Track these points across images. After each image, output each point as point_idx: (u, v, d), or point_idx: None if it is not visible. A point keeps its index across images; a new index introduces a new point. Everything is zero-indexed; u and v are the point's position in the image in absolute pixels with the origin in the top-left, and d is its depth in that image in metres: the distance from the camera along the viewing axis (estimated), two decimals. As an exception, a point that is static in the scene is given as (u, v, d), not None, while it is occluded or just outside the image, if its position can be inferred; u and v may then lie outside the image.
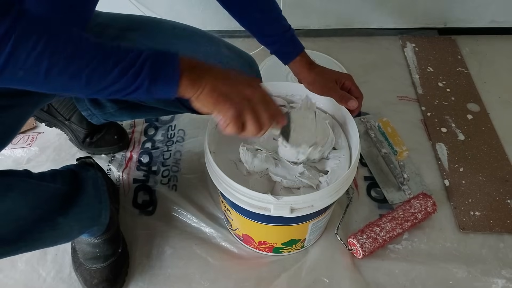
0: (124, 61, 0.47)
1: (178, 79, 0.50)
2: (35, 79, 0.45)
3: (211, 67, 0.54)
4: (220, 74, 0.54)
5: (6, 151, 1.07)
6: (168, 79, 0.50)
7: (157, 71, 0.49)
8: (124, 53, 0.48)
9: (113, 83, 0.48)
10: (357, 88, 0.77)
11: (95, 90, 0.48)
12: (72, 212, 0.67)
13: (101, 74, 0.47)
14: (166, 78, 0.50)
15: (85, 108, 0.95)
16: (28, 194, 0.60)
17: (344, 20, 1.40)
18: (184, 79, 0.50)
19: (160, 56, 0.50)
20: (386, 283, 0.83)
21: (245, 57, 0.85)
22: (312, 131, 0.73)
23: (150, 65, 0.48)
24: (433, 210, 0.91)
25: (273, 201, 0.64)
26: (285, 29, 0.76)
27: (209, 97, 0.52)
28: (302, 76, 0.79)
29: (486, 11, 1.36)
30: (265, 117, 0.55)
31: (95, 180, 0.77)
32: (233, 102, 0.53)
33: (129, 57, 0.48)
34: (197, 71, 0.52)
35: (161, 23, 0.80)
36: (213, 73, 0.53)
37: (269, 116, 0.55)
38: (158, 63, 0.49)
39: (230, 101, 0.53)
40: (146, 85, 0.49)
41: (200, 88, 0.52)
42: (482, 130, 1.11)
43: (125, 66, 0.47)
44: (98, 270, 0.81)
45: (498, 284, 0.83)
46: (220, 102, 0.53)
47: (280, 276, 0.84)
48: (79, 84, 0.47)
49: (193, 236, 0.90)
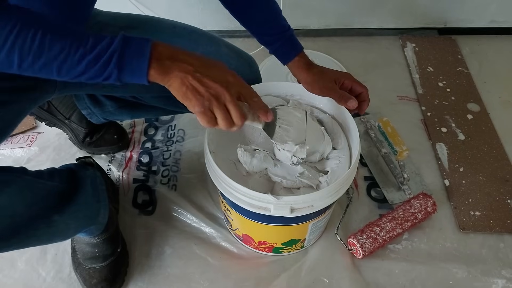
0: (92, 53, 0.49)
1: (146, 70, 0.50)
2: (10, 69, 0.48)
3: (186, 58, 0.53)
4: (193, 67, 0.53)
5: (6, 151, 1.07)
6: (135, 70, 0.51)
7: (125, 62, 0.50)
8: (93, 44, 0.49)
9: (83, 73, 0.50)
10: (358, 83, 0.76)
11: (67, 78, 0.51)
12: (69, 210, 0.67)
13: (70, 66, 0.49)
14: (134, 69, 0.50)
15: (85, 106, 0.95)
16: (24, 190, 0.60)
17: (344, 20, 1.40)
18: (152, 70, 0.51)
19: (131, 45, 0.50)
20: (386, 283, 0.83)
21: (244, 57, 0.85)
22: (300, 130, 0.71)
23: (118, 57, 0.49)
24: (433, 210, 0.90)
25: (273, 201, 0.64)
26: (285, 29, 0.76)
27: (177, 90, 0.53)
28: (301, 76, 0.78)
29: (486, 11, 1.36)
30: (236, 114, 0.54)
31: (93, 179, 0.77)
32: (200, 98, 0.53)
33: (97, 48, 0.49)
34: (168, 62, 0.52)
35: (161, 22, 0.80)
36: (185, 65, 0.52)
37: (238, 114, 0.54)
38: (127, 54, 0.50)
39: (197, 97, 0.52)
40: (115, 75, 0.50)
41: (170, 80, 0.52)
42: (482, 130, 1.11)
43: (92, 58, 0.49)
44: (97, 270, 0.81)
45: (498, 284, 0.82)
46: (188, 97, 0.53)
47: (280, 276, 0.84)
48: (51, 73, 0.50)
49: (193, 236, 0.90)
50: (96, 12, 0.76)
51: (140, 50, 0.50)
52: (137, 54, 0.50)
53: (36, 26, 0.47)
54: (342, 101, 0.74)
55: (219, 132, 0.77)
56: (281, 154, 0.73)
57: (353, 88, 0.77)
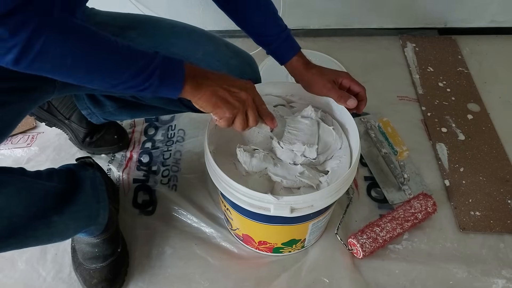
0: (137, 65, 0.54)
1: (182, 86, 0.58)
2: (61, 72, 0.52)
3: (211, 74, 0.62)
4: (219, 80, 0.62)
5: (6, 151, 1.07)
6: (173, 85, 0.58)
7: (165, 78, 0.57)
8: (137, 58, 0.55)
9: (125, 82, 0.55)
10: (356, 82, 0.76)
11: (110, 86, 0.55)
12: (68, 211, 0.67)
13: (116, 74, 0.54)
14: (172, 85, 0.58)
15: (85, 107, 0.95)
16: (22, 191, 0.60)
17: (344, 20, 1.40)
18: (187, 86, 0.58)
19: (169, 64, 0.57)
20: (386, 283, 0.83)
21: (244, 56, 0.84)
22: (310, 134, 0.74)
23: (159, 73, 0.56)
24: (433, 210, 0.90)
25: (273, 201, 0.64)
26: (281, 29, 0.76)
27: (208, 101, 0.60)
28: (299, 77, 0.78)
29: (486, 11, 1.36)
30: (252, 118, 0.64)
31: (93, 179, 0.77)
32: (230, 106, 0.61)
33: (141, 62, 0.55)
34: (199, 78, 0.60)
35: (161, 21, 0.80)
36: (212, 79, 0.61)
37: (255, 118, 0.64)
38: (167, 71, 0.57)
39: (227, 105, 0.61)
40: (153, 88, 0.56)
41: (201, 93, 0.60)
42: (483, 130, 1.11)
43: (137, 70, 0.54)
44: (97, 270, 0.81)
45: (498, 284, 0.82)
46: (219, 106, 0.61)
47: (280, 276, 0.84)
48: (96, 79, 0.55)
49: (193, 236, 0.90)
50: (95, 12, 0.76)
51: (179, 67, 0.58)
52: (177, 71, 0.58)
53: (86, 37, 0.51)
54: (342, 100, 0.74)
55: (219, 132, 0.77)
56: (283, 152, 0.73)
57: (351, 87, 0.77)
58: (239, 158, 0.73)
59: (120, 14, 0.78)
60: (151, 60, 0.55)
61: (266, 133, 0.76)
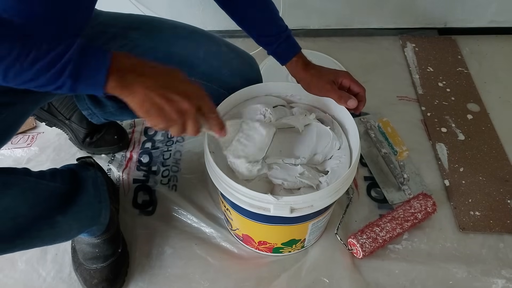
0: (45, 58, 0.45)
1: (103, 83, 0.48)
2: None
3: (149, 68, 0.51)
4: (158, 80, 0.51)
5: (6, 151, 1.07)
6: (92, 81, 0.48)
7: (81, 72, 0.47)
8: (47, 49, 0.45)
9: (32, 79, 0.46)
10: (356, 83, 0.76)
11: (14, 84, 0.47)
12: (71, 211, 0.67)
13: (18, 70, 0.45)
14: (90, 81, 0.48)
15: (86, 107, 0.95)
16: (27, 192, 0.60)
17: (344, 20, 1.40)
18: (111, 83, 0.48)
19: (88, 55, 0.47)
20: (386, 283, 0.83)
21: (245, 56, 0.85)
22: (259, 148, 0.69)
23: (73, 66, 0.46)
24: (433, 210, 0.90)
25: (273, 201, 0.64)
26: (282, 30, 0.76)
27: (139, 106, 0.50)
28: (299, 77, 0.78)
29: (486, 11, 1.36)
30: (191, 130, 0.54)
31: (94, 179, 0.77)
32: (164, 118, 0.51)
33: (51, 54, 0.45)
34: (129, 75, 0.49)
35: (162, 22, 0.80)
36: (148, 79, 0.50)
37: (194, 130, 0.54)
38: (83, 65, 0.47)
39: (162, 116, 0.51)
40: (68, 85, 0.47)
41: (130, 94, 0.49)
42: (482, 130, 1.11)
43: (46, 64, 0.45)
44: (98, 270, 0.81)
45: (498, 284, 0.83)
46: (151, 114, 0.51)
47: (280, 276, 0.84)
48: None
49: (193, 236, 0.90)
50: (97, 12, 0.76)
51: (99, 61, 0.47)
52: (95, 65, 0.47)
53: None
54: (342, 101, 0.74)
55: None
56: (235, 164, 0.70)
57: (351, 87, 0.76)
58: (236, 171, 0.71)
59: (122, 15, 0.78)
60: (64, 51, 0.45)
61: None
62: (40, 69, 0.45)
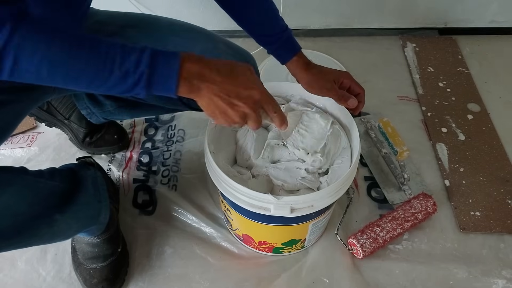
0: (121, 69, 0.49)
1: (174, 89, 0.52)
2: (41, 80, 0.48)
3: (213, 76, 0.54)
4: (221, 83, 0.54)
5: (6, 151, 1.07)
6: (164, 88, 0.52)
7: (153, 82, 0.50)
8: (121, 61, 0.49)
9: (113, 86, 0.50)
10: (356, 83, 0.76)
11: (99, 91, 0.52)
12: (70, 210, 0.67)
13: (100, 80, 0.49)
14: (162, 88, 0.51)
15: (84, 106, 0.95)
16: (25, 190, 0.60)
17: (344, 20, 1.40)
18: (181, 88, 0.52)
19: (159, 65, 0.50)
20: (386, 283, 0.83)
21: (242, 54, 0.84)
22: (318, 139, 0.71)
23: (146, 79, 0.50)
24: (434, 210, 0.90)
25: (273, 201, 0.64)
26: (282, 29, 0.76)
27: (205, 108, 0.56)
28: (299, 77, 0.78)
29: (486, 11, 1.36)
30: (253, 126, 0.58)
31: (94, 179, 0.77)
32: (228, 119, 0.56)
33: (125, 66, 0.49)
34: (196, 80, 0.52)
35: (159, 20, 0.80)
36: (213, 84, 0.53)
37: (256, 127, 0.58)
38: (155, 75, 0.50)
39: (225, 118, 0.56)
40: (143, 94, 0.51)
41: (198, 97, 0.54)
42: (483, 130, 1.11)
43: (121, 76, 0.49)
44: (97, 270, 0.81)
45: (498, 285, 0.82)
46: (216, 116, 0.56)
47: (280, 276, 0.84)
48: (81, 85, 0.50)
49: (193, 236, 0.90)
50: (94, 11, 0.76)
51: (169, 70, 0.51)
52: (166, 74, 0.51)
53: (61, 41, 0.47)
54: (342, 100, 0.74)
55: (219, 132, 0.77)
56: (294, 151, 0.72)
57: (351, 88, 0.77)
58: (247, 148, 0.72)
59: (119, 13, 0.78)
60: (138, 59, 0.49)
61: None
62: (117, 82, 0.50)
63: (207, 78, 0.53)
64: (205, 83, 0.53)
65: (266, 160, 0.72)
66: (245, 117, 0.56)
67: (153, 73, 0.50)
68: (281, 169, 0.72)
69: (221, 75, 0.54)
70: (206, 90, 0.53)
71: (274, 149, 0.73)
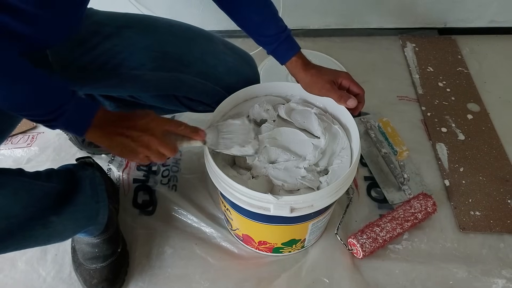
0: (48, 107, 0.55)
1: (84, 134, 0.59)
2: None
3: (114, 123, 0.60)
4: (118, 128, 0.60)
5: (6, 151, 1.07)
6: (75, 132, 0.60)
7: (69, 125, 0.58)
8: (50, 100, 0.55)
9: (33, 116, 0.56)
10: (356, 84, 0.76)
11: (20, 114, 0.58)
12: (67, 211, 0.67)
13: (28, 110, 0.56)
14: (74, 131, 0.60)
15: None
16: (20, 192, 0.60)
17: (344, 20, 1.40)
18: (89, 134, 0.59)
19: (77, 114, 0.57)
20: (386, 283, 0.83)
21: (242, 54, 0.84)
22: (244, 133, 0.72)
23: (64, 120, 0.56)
24: (433, 210, 0.90)
25: (273, 200, 0.64)
26: (281, 30, 0.76)
27: (113, 150, 0.61)
28: (299, 77, 0.78)
29: (486, 11, 1.36)
30: (167, 151, 0.62)
31: (92, 179, 0.77)
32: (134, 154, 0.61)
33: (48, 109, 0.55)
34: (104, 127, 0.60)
35: (157, 20, 0.80)
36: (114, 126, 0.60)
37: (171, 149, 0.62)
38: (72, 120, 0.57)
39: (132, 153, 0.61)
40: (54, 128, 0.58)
41: (104, 143, 0.61)
42: (482, 130, 1.11)
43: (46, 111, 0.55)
44: (97, 270, 0.81)
45: (498, 284, 0.83)
46: (124, 154, 0.61)
47: (280, 276, 0.84)
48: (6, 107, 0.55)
49: (193, 236, 0.90)
50: (92, 12, 0.76)
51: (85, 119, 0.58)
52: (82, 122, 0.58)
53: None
54: (342, 100, 0.74)
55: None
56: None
57: (350, 88, 0.76)
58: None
59: (118, 14, 0.78)
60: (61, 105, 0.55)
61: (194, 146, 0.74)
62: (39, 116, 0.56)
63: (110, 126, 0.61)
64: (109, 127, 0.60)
65: (263, 161, 0.72)
66: (147, 146, 0.60)
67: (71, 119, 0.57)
68: (280, 169, 0.72)
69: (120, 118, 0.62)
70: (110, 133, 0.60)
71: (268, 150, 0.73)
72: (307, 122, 0.77)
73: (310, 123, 0.77)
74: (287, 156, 0.73)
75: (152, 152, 0.61)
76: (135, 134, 0.60)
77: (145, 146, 0.60)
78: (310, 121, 0.77)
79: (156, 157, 0.62)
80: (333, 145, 0.75)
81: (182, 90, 0.83)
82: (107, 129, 0.60)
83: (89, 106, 0.59)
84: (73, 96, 0.57)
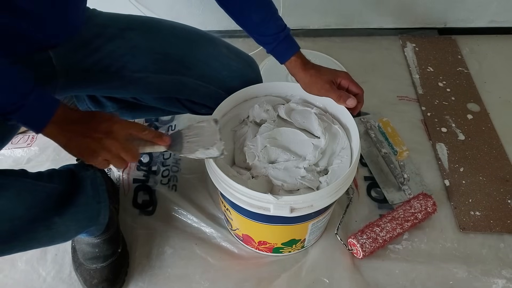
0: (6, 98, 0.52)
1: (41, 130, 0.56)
2: None
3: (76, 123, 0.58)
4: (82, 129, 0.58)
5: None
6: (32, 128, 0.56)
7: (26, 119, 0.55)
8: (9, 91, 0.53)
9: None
10: (355, 84, 0.76)
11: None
12: (69, 212, 0.67)
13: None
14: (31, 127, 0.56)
15: (86, 107, 0.95)
16: (23, 193, 0.60)
17: (344, 20, 1.40)
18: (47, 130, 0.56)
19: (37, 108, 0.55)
20: (386, 283, 0.83)
21: (244, 57, 0.85)
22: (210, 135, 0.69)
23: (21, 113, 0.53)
24: (433, 210, 0.90)
25: (272, 200, 0.64)
26: (281, 29, 0.76)
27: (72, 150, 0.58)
28: (298, 77, 0.78)
29: (486, 11, 1.36)
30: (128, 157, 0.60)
31: (93, 179, 0.77)
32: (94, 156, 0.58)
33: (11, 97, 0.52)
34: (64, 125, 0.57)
35: (160, 23, 0.80)
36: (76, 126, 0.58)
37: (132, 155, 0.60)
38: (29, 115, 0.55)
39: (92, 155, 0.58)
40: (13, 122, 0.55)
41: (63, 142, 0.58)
42: (482, 130, 1.11)
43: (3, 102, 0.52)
44: (98, 270, 0.81)
45: (498, 284, 0.83)
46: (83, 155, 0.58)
47: (280, 276, 0.84)
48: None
49: (193, 236, 0.90)
50: (95, 13, 0.76)
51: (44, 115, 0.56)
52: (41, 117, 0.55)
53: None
54: (341, 100, 0.74)
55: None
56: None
57: (349, 88, 0.76)
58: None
59: (121, 16, 0.78)
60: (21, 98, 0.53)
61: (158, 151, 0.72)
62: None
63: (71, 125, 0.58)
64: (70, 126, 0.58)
65: (263, 161, 0.72)
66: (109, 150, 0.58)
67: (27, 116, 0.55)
68: (280, 169, 0.72)
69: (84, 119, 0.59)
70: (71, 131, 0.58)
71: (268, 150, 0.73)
72: (307, 122, 0.77)
73: (310, 123, 0.77)
74: (287, 156, 0.73)
75: (112, 156, 0.58)
76: (97, 136, 0.57)
77: (106, 149, 0.58)
78: (310, 121, 0.77)
79: (116, 162, 0.59)
80: (333, 145, 0.75)
81: (184, 93, 0.83)
82: (66, 127, 0.57)
83: (50, 101, 0.57)
84: (34, 89, 0.54)
